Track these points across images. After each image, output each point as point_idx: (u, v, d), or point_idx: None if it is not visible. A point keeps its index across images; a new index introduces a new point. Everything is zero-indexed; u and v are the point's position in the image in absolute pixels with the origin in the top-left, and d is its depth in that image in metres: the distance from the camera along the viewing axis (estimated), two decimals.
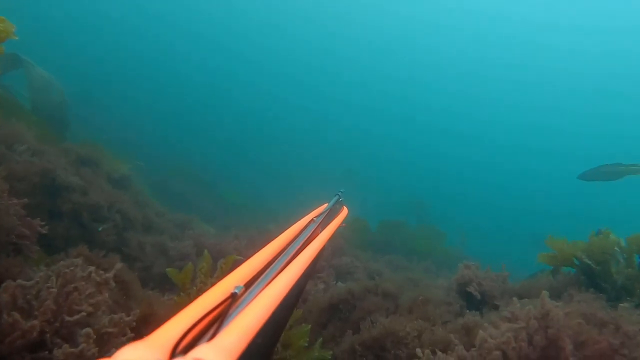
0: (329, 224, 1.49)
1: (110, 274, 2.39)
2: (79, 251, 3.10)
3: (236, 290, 0.74)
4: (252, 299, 0.76)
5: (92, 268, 2.28)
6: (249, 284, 0.84)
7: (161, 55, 34.68)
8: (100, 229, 4.84)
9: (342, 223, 1.66)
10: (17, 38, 3.51)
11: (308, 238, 1.24)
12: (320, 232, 1.34)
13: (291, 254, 1.07)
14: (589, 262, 3.85)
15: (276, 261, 1.00)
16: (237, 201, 14.75)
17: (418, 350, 2.57)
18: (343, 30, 42.45)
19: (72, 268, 2.19)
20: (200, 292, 2.76)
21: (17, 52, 9.42)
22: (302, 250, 1.09)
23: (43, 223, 3.02)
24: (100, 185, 5.63)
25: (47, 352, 1.93)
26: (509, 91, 40.89)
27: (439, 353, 2.52)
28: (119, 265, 2.70)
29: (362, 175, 18.91)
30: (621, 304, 3.19)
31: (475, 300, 3.79)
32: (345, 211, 1.79)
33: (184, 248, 5.48)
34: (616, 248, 3.92)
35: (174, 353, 0.59)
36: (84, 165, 6.08)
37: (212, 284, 2.73)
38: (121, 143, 13.53)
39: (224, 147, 21.73)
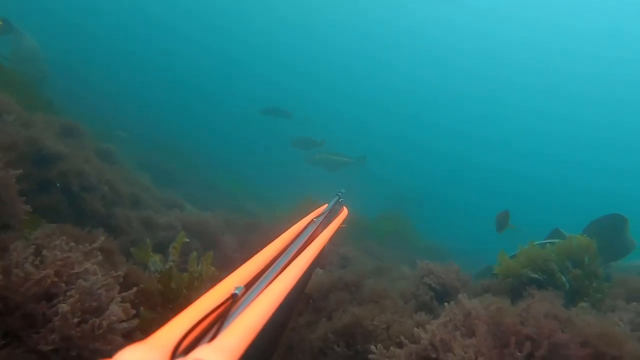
0: (329, 224, 1.48)
1: (97, 244, 2.43)
2: (62, 228, 3.08)
3: (237, 291, 0.73)
4: (253, 300, 0.75)
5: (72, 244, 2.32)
6: (249, 285, 0.83)
7: (152, 31, 33.81)
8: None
9: (342, 223, 1.65)
10: None
11: (308, 239, 1.23)
12: (321, 232, 1.33)
13: (291, 255, 1.05)
14: (535, 276, 3.96)
15: (276, 262, 0.99)
16: (223, 184, 14.65)
17: (372, 347, 2.73)
18: (344, 23, 42.06)
19: (58, 242, 2.24)
20: (171, 269, 2.82)
21: (8, 18, 9.13)
22: (302, 251, 1.08)
23: (27, 206, 2.99)
24: (87, 156, 5.54)
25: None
26: (511, 91, 40.97)
27: (392, 348, 2.64)
28: (102, 237, 2.70)
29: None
30: (580, 304, 3.35)
31: (439, 292, 3.91)
32: (345, 211, 1.78)
33: (170, 222, 5.50)
34: (553, 254, 4.04)
35: (174, 354, 0.58)
36: (68, 137, 5.98)
37: (178, 260, 2.78)
38: (106, 118, 13.30)
39: (212, 130, 21.43)
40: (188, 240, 3.08)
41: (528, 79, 39.74)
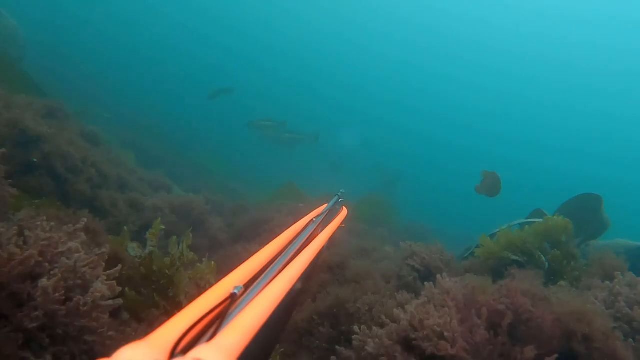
0: (328, 224, 1.47)
1: (80, 225, 2.41)
2: (47, 210, 3.05)
3: (236, 291, 0.73)
4: (252, 299, 0.75)
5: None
6: (248, 284, 0.82)
7: (138, 13, 33.03)
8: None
9: (341, 223, 1.64)
10: None
11: (307, 238, 1.22)
12: (320, 232, 1.33)
13: (291, 255, 1.05)
14: (516, 258, 4.04)
15: (276, 261, 0.98)
16: (208, 165, 14.56)
17: (355, 327, 2.80)
18: (339, 17, 41.68)
19: (40, 222, 2.23)
20: (152, 253, 2.84)
21: None
22: (301, 251, 1.07)
23: (14, 189, 2.96)
24: (71, 138, 5.46)
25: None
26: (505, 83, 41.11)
27: (374, 328, 2.71)
28: (85, 218, 2.69)
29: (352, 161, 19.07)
30: (559, 283, 3.44)
31: (423, 273, 3.99)
32: (345, 211, 1.77)
33: (156, 204, 5.48)
34: (531, 236, 4.13)
35: (173, 353, 0.57)
36: (52, 118, 5.88)
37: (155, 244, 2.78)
38: (89, 99, 13.04)
39: (196, 111, 21.10)
40: (164, 227, 3.07)
41: (518, 67, 39.95)
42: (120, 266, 2.37)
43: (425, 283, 3.04)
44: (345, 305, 3.17)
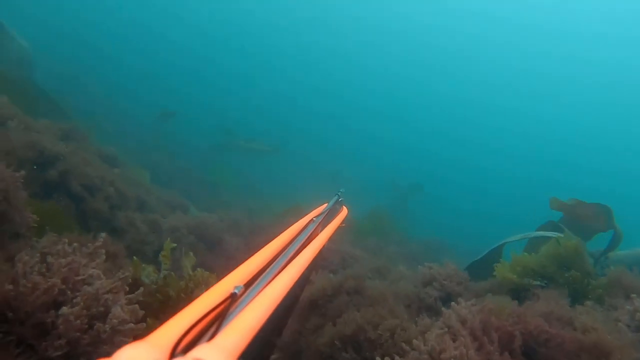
0: (328, 223, 1.46)
1: (99, 243, 2.45)
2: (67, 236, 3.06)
3: (236, 290, 0.72)
4: (252, 299, 0.74)
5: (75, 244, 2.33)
6: (248, 284, 0.82)
7: (148, 36, 33.73)
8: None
9: (341, 223, 1.63)
10: None
11: (308, 238, 1.21)
12: (320, 232, 1.31)
13: (291, 254, 1.04)
14: (537, 283, 3.94)
15: (276, 261, 0.98)
16: (219, 182, 14.60)
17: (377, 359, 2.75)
18: (338, 27, 42.23)
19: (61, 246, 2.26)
20: (166, 278, 2.83)
21: (2, 21, 9.12)
22: (301, 250, 1.06)
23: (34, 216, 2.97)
24: (90, 159, 5.50)
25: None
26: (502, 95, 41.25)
27: (396, 357, 2.65)
28: (103, 235, 2.70)
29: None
30: (586, 303, 3.35)
31: (443, 298, 3.92)
32: (344, 211, 1.76)
33: (174, 224, 5.50)
34: (546, 261, 4.03)
35: (174, 353, 0.57)
36: (68, 140, 5.93)
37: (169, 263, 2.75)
38: (104, 121, 13.15)
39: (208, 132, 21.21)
40: (175, 245, 3.05)
41: (525, 82, 40.06)
42: (141, 289, 2.36)
43: (443, 309, 2.99)
44: (367, 329, 3.10)
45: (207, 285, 2.88)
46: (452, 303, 2.99)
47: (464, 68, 41.91)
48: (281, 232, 1.17)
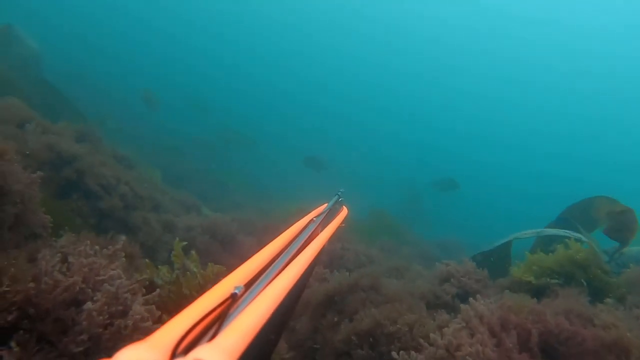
0: (328, 223, 1.46)
1: (119, 246, 2.51)
2: (85, 236, 3.11)
3: (236, 291, 0.72)
4: (253, 299, 0.74)
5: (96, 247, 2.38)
6: (249, 284, 0.82)
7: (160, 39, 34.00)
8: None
9: (341, 223, 1.63)
10: None
11: (308, 238, 1.21)
12: (320, 232, 1.32)
13: (291, 254, 1.04)
14: (556, 281, 3.88)
15: (276, 261, 0.98)
16: (229, 182, 14.65)
17: (394, 354, 2.74)
18: (340, 22, 42.22)
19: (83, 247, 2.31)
20: (178, 277, 2.87)
21: (12, 24, 9.23)
22: (302, 250, 1.06)
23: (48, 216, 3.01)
24: (105, 160, 5.56)
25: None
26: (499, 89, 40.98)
27: (412, 353, 2.64)
28: (123, 237, 2.72)
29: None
30: (606, 300, 3.29)
31: (461, 295, 3.88)
32: (345, 211, 1.76)
33: (188, 224, 5.54)
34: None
35: (174, 353, 0.57)
36: (84, 142, 6.01)
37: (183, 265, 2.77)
38: (112, 122, 13.25)
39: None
40: (186, 242, 3.06)
41: (532, 78, 39.69)
42: (158, 290, 2.41)
43: (462, 305, 2.95)
44: (384, 325, 3.08)
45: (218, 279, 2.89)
46: (470, 299, 2.97)
47: (471, 63, 41.64)
48: (281, 233, 1.17)
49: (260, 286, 0.81)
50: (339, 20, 42.43)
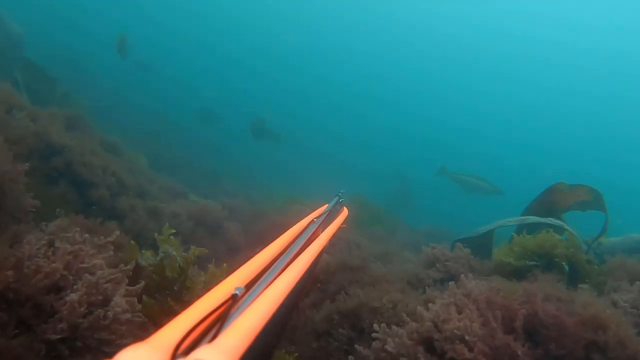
0: (329, 224, 1.47)
1: (111, 238, 2.50)
2: (76, 220, 3.08)
3: (237, 292, 0.72)
4: (253, 300, 0.74)
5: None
6: (249, 285, 0.81)
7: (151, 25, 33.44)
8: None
9: (342, 223, 1.64)
10: None
11: (308, 239, 1.21)
12: (321, 232, 1.32)
13: (292, 255, 1.04)
14: (533, 263, 3.92)
15: (277, 262, 0.98)
16: (217, 170, 14.55)
17: (375, 325, 2.76)
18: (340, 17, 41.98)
19: (72, 233, 2.30)
20: (162, 260, 2.89)
21: None
22: (302, 251, 1.07)
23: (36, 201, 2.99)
24: (93, 148, 5.51)
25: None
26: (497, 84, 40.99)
27: (393, 327, 2.67)
28: (117, 232, 2.73)
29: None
30: (581, 285, 3.34)
31: (447, 279, 3.90)
32: (345, 212, 1.76)
33: (175, 210, 5.53)
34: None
35: (175, 355, 0.57)
36: (73, 129, 5.94)
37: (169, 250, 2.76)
38: (103, 108, 13.07)
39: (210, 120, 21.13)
40: (174, 231, 3.07)
41: (521, 72, 39.74)
42: (142, 283, 2.41)
43: (450, 283, 2.97)
44: (369, 302, 3.10)
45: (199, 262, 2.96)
46: (462, 275, 2.98)
47: (466, 57, 41.60)
48: (281, 234, 1.17)
49: (261, 287, 0.82)
50: (331, 12, 42.12)
